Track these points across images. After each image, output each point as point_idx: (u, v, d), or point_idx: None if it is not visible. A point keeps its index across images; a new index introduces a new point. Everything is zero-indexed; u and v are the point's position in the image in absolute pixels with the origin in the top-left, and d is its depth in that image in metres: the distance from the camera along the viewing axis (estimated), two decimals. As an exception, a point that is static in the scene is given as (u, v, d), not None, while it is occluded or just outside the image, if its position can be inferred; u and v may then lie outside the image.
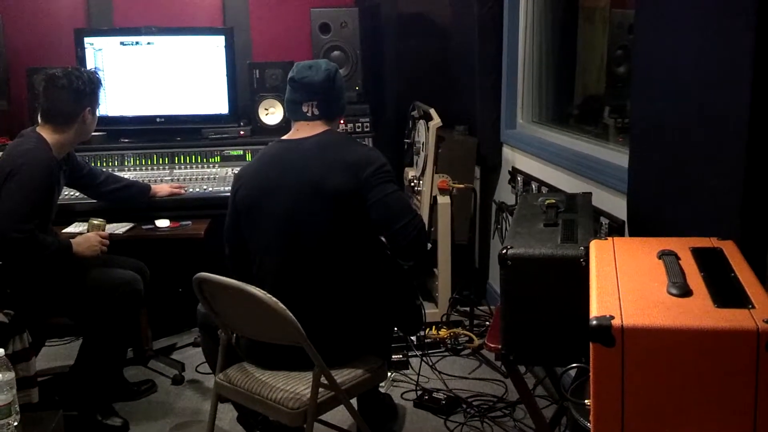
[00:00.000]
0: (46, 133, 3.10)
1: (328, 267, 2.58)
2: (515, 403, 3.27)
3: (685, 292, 1.49)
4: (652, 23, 2.36)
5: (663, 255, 1.69)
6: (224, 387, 2.60)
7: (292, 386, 2.46)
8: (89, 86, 3.15)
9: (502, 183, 4.23)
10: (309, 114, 2.67)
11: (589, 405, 1.46)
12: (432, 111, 3.85)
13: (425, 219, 3.83)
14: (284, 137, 2.75)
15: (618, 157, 3.02)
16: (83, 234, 3.22)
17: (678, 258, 1.68)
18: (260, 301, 2.31)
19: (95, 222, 3.24)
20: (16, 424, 2.15)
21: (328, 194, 2.55)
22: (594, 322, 1.39)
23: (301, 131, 2.69)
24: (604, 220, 2.91)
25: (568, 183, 3.35)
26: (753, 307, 1.41)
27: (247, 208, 2.66)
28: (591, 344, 1.39)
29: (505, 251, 2.04)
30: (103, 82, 3.28)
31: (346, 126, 4.25)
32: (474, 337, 3.91)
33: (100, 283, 3.10)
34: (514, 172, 4.02)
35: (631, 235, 2.59)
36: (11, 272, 2.99)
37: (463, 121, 4.36)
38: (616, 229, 2.82)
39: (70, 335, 3.89)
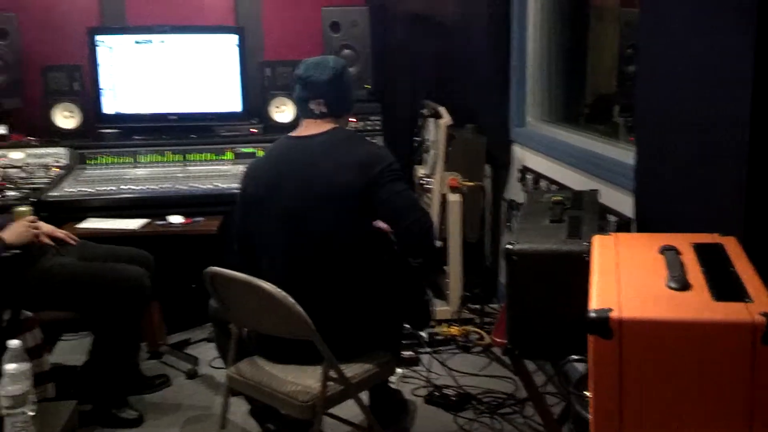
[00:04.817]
0: None
1: (336, 263, 2.62)
2: (525, 400, 3.28)
3: (684, 285, 1.51)
4: (655, 23, 2.38)
5: (664, 250, 1.72)
6: (236, 380, 2.64)
7: (302, 380, 2.50)
8: None
9: (512, 181, 4.25)
10: (317, 112, 2.70)
11: (589, 397, 1.49)
12: (442, 109, 3.88)
13: (435, 217, 3.86)
14: (292, 134, 2.78)
15: (626, 155, 3.03)
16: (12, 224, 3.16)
17: (679, 253, 1.70)
18: (270, 295, 2.35)
19: (20, 210, 3.24)
20: (32, 414, 2.20)
21: (336, 191, 2.58)
22: (592, 315, 1.42)
23: (309, 128, 2.73)
24: (612, 218, 2.93)
25: (578, 181, 3.37)
26: (750, 301, 1.43)
27: (256, 203, 2.69)
28: (589, 336, 1.42)
29: (510, 247, 2.07)
30: None
31: (356, 124, 4.29)
32: (484, 334, 3.93)
33: (106, 279, 3.12)
34: (524, 170, 4.04)
35: (639, 232, 2.61)
36: (7, 271, 2.98)
37: (473, 120, 4.38)
38: (623, 226, 2.84)
39: (79, 330, 3.88)
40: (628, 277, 1.59)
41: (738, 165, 1.95)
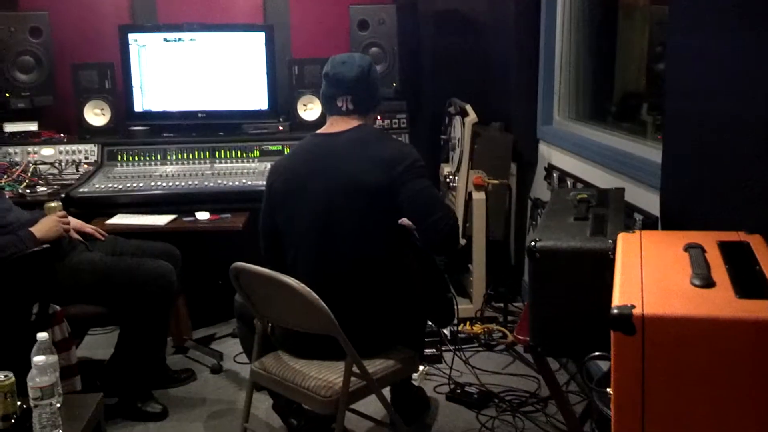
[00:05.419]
0: None
1: (361, 259, 2.63)
2: (547, 398, 3.28)
3: (708, 283, 1.50)
4: (685, 21, 2.37)
5: (689, 248, 1.70)
6: (259, 375, 2.66)
7: (325, 375, 2.51)
8: None
9: (538, 179, 4.24)
10: (344, 108, 2.71)
11: (611, 393, 1.48)
12: (468, 107, 3.87)
13: (460, 215, 3.86)
14: (319, 131, 2.80)
15: (654, 153, 3.01)
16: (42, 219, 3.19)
17: (704, 251, 1.69)
18: (294, 290, 2.37)
19: (50, 205, 3.27)
20: (58, 405, 2.23)
21: (362, 188, 2.59)
22: (615, 311, 1.41)
23: (335, 125, 2.74)
24: (638, 216, 2.91)
25: (604, 179, 3.35)
26: (775, 298, 1.42)
27: (282, 200, 2.71)
28: (612, 333, 1.42)
29: (533, 244, 2.06)
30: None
31: (383, 122, 4.31)
32: (508, 333, 3.93)
33: (134, 274, 3.15)
34: (550, 168, 4.03)
35: (664, 229, 2.59)
36: (37, 265, 3.01)
37: (500, 118, 4.37)
38: (650, 225, 2.82)
39: (106, 325, 3.94)
40: (652, 274, 1.58)
41: (765, 163, 1.93)
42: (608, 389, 1.52)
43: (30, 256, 2.95)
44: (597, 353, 1.78)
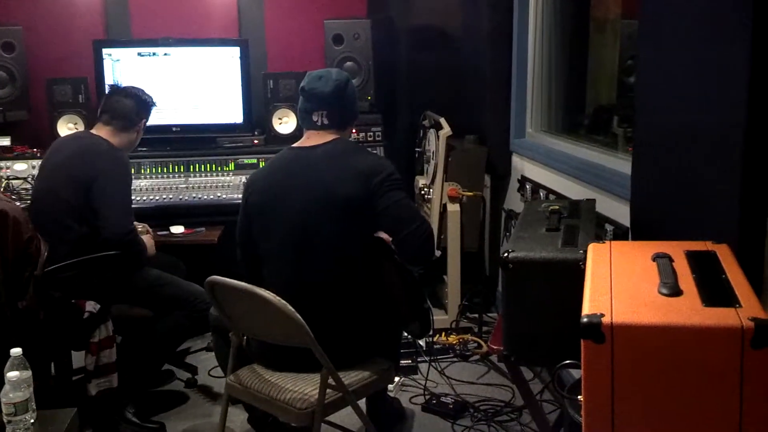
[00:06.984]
0: (107, 135, 3.32)
1: (337, 271, 2.64)
2: (522, 407, 3.31)
3: (676, 292, 1.54)
4: (653, 36, 2.42)
5: (657, 257, 1.74)
6: (235, 388, 2.66)
7: (301, 387, 2.52)
8: (150, 101, 3.46)
9: (512, 191, 4.28)
10: (319, 123, 2.74)
11: (582, 401, 1.51)
12: (442, 120, 3.91)
13: (435, 227, 3.89)
14: (295, 145, 2.81)
15: (624, 165, 3.06)
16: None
17: (672, 260, 1.73)
18: (269, 303, 2.38)
19: (139, 229, 3.35)
20: (32, 421, 2.22)
21: (339, 201, 2.61)
22: (585, 320, 1.44)
23: (311, 139, 2.76)
24: (609, 227, 2.96)
25: (576, 191, 3.39)
26: (740, 306, 1.46)
27: (259, 213, 2.72)
28: (582, 341, 1.45)
29: (506, 254, 2.09)
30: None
31: (358, 135, 4.33)
32: (483, 343, 3.95)
33: (182, 290, 3.31)
34: (523, 180, 4.07)
35: (633, 239, 2.63)
36: (103, 265, 3.09)
37: (474, 130, 4.42)
38: (620, 235, 2.87)
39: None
40: (621, 284, 1.62)
41: (733, 174, 1.98)
42: (579, 397, 1.55)
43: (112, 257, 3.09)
44: (568, 361, 1.81)
